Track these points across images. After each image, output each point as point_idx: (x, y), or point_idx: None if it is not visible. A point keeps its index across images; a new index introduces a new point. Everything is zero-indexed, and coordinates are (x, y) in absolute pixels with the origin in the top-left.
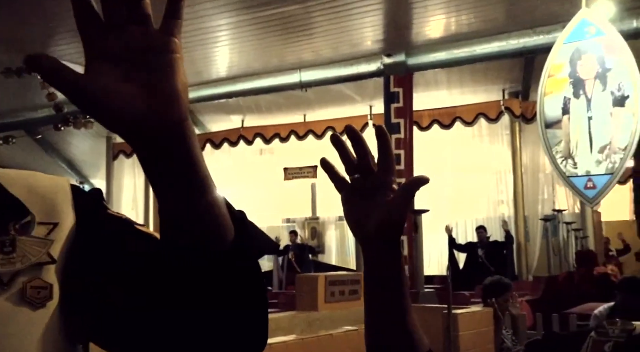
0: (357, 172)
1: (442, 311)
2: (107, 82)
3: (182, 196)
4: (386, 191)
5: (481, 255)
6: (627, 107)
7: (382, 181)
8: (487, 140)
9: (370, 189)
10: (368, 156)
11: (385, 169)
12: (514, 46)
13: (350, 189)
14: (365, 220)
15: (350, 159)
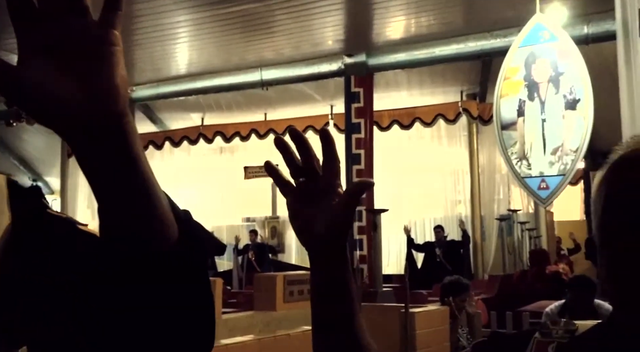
0: (302, 176)
1: (400, 310)
2: (41, 74)
3: (122, 195)
4: (332, 195)
5: (439, 254)
6: (578, 110)
7: (327, 185)
8: (445, 141)
9: (315, 192)
10: (313, 159)
11: (331, 172)
12: (472, 49)
13: (296, 193)
14: (311, 224)
15: (295, 163)
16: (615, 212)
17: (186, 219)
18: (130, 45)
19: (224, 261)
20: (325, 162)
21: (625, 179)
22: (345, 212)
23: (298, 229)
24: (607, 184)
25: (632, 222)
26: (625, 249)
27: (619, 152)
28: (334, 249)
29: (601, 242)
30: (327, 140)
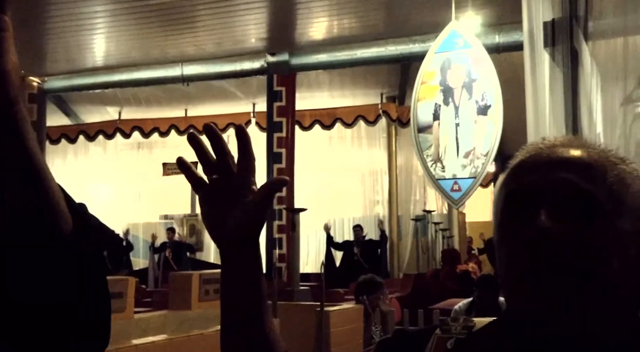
0: (216, 173)
1: (315, 308)
2: None
3: (13, 185)
4: (246, 192)
5: (357, 253)
6: (489, 115)
7: (241, 182)
8: (365, 142)
9: (229, 189)
10: (227, 156)
11: (245, 170)
12: (392, 52)
13: (209, 190)
14: (224, 221)
15: (209, 159)
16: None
17: (81, 212)
18: (42, 34)
19: (139, 259)
20: (239, 159)
21: (518, 179)
22: (258, 210)
23: (210, 226)
24: (505, 187)
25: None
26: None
27: (519, 157)
28: (245, 246)
29: (497, 242)
30: (242, 138)
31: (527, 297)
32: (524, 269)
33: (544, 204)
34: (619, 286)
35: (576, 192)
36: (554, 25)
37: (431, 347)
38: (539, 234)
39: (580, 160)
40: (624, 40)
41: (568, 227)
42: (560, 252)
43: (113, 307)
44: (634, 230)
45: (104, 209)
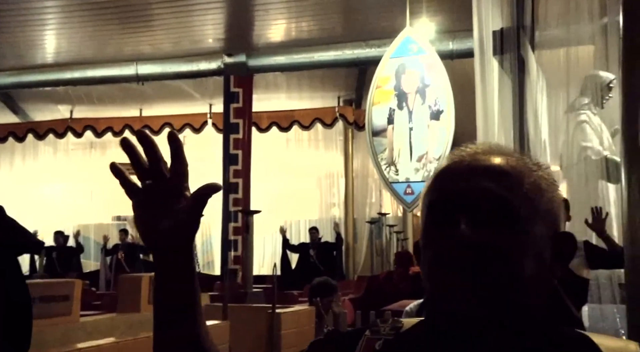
0: (149, 178)
1: (267, 310)
2: None
3: None
4: (179, 198)
5: (312, 255)
6: (441, 121)
7: (174, 187)
8: (322, 144)
9: (162, 195)
10: (160, 162)
11: (178, 175)
12: (349, 56)
13: (142, 195)
14: (156, 226)
15: (142, 164)
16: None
17: None
18: None
19: (90, 261)
20: (172, 165)
21: (441, 187)
22: (190, 216)
23: (142, 231)
24: (428, 194)
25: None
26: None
27: (443, 163)
28: (178, 251)
29: (422, 247)
30: (174, 143)
31: (447, 300)
32: (444, 274)
33: (463, 211)
34: (535, 287)
35: (494, 199)
36: (503, 34)
37: (360, 348)
38: (459, 240)
39: (498, 168)
40: (567, 50)
41: (486, 233)
42: (478, 258)
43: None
44: (548, 234)
45: (54, 210)
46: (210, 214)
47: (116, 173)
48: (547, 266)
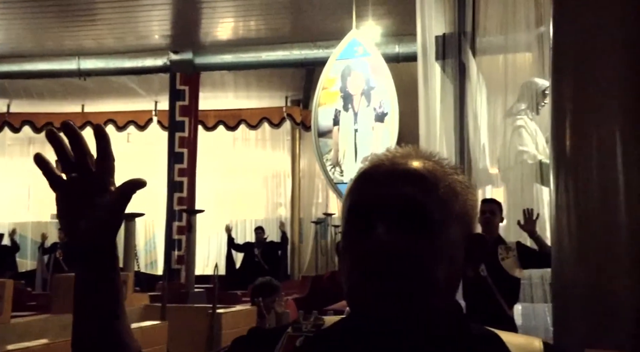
0: (74, 171)
1: (207, 310)
2: None
3: None
4: (103, 193)
5: (257, 254)
6: (386, 123)
7: (99, 182)
8: (269, 144)
9: (86, 189)
10: (86, 155)
11: (104, 170)
12: (297, 56)
13: (66, 188)
14: (78, 221)
15: (67, 157)
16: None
17: None
18: None
19: (27, 260)
20: (98, 159)
21: (360, 191)
22: (114, 211)
23: (65, 225)
24: (348, 198)
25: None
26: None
27: (363, 167)
28: (100, 247)
29: (342, 249)
30: (101, 137)
31: (365, 299)
32: (362, 277)
33: (381, 216)
34: (448, 288)
35: (410, 204)
36: (445, 39)
37: (282, 344)
38: (376, 245)
39: (415, 172)
40: (506, 57)
41: (402, 238)
42: (394, 261)
43: None
44: (461, 236)
45: None
46: (154, 212)
47: (40, 164)
48: (460, 267)
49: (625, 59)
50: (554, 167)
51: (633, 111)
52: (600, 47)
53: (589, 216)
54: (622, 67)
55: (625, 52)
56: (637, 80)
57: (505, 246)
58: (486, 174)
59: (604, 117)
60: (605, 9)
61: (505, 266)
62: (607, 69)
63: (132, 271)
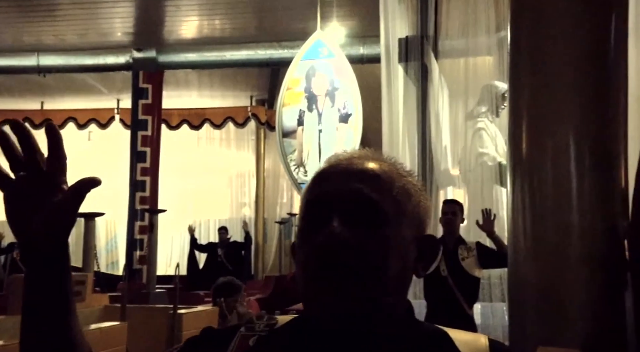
0: (24, 170)
1: (168, 311)
2: None
3: None
4: (54, 191)
5: (221, 255)
6: (349, 123)
7: (50, 181)
8: (234, 144)
9: (37, 188)
10: (36, 153)
11: (56, 168)
12: (262, 56)
13: (15, 188)
14: (29, 221)
15: (16, 155)
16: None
17: None
18: None
19: None
20: (49, 157)
21: (317, 188)
22: (65, 211)
23: (14, 224)
24: (305, 195)
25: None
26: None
27: (322, 166)
28: (51, 247)
29: (297, 245)
30: (52, 135)
31: (318, 295)
32: (316, 270)
33: (336, 212)
34: (399, 284)
35: (365, 201)
36: (407, 42)
37: (234, 344)
38: (330, 239)
39: (371, 172)
40: (467, 60)
41: (356, 233)
42: (348, 255)
43: None
44: (413, 235)
45: None
46: (116, 212)
47: None
48: (412, 266)
49: (580, 65)
50: (511, 168)
51: (586, 116)
52: (556, 52)
53: (543, 216)
54: (577, 73)
55: (580, 57)
56: (591, 86)
57: (465, 246)
58: (448, 175)
59: (558, 121)
60: (562, 15)
61: (466, 266)
62: (562, 74)
63: (91, 271)
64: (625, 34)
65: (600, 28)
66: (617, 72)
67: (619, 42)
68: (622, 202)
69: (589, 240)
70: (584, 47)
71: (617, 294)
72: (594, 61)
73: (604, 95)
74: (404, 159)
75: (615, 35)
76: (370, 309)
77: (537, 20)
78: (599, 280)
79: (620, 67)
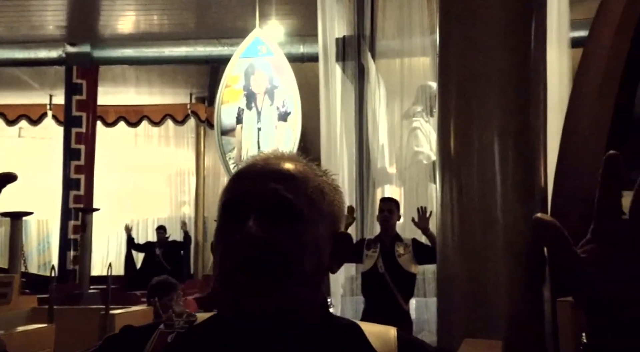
0: None
1: (100, 311)
2: None
3: None
4: None
5: (159, 254)
6: (289, 122)
7: None
8: (173, 141)
9: None
10: None
11: None
12: (201, 53)
13: None
14: None
15: None
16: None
17: None
18: None
19: None
20: None
21: (234, 188)
22: None
23: None
24: (223, 194)
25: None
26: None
27: (240, 166)
28: None
29: (215, 244)
30: None
31: (234, 292)
32: (232, 268)
33: (252, 211)
34: (314, 281)
35: (280, 200)
36: (345, 41)
37: (153, 341)
38: (246, 238)
39: (286, 172)
40: (402, 61)
41: (272, 231)
42: (263, 253)
43: None
44: (328, 233)
45: None
46: (49, 211)
47: None
48: (326, 263)
49: (503, 68)
50: (440, 167)
51: (509, 117)
52: (482, 56)
53: (470, 213)
54: (501, 76)
55: (503, 61)
56: (514, 88)
57: (402, 243)
58: (384, 173)
59: (484, 122)
60: (487, 21)
61: (402, 262)
62: (487, 76)
63: (18, 273)
64: (544, 41)
65: (522, 35)
66: (538, 75)
67: (539, 47)
68: (542, 201)
69: (511, 236)
70: (506, 52)
71: (537, 287)
72: (517, 64)
73: (526, 97)
74: (341, 158)
75: (535, 41)
76: (284, 305)
77: (464, 26)
78: (521, 274)
79: (540, 71)
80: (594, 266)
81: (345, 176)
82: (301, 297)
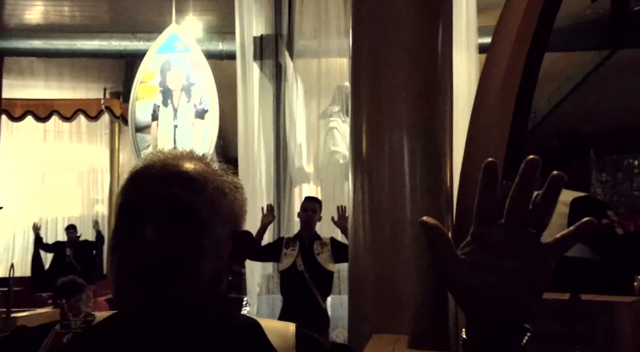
0: None
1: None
2: None
3: None
4: None
5: (69, 255)
6: (206, 119)
7: None
8: (85, 137)
9: None
10: None
11: None
12: (115, 47)
13: None
14: None
15: None
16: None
17: None
18: None
19: None
20: None
21: (131, 190)
22: None
23: None
24: (119, 197)
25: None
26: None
27: (136, 166)
28: None
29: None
30: None
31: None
32: (129, 276)
33: (149, 215)
34: (213, 282)
35: (178, 204)
36: (262, 40)
37: (48, 342)
38: (143, 243)
39: (185, 174)
40: (320, 61)
41: (169, 237)
42: (161, 259)
43: None
44: (229, 233)
45: None
46: None
47: None
48: (226, 263)
49: (412, 71)
50: (352, 166)
51: (417, 119)
52: (391, 60)
53: (380, 211)
54: (409, 79)
55: (411, 64)
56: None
57: (320, 242)
58: (302, 172)
59: (394, 123)
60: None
61: (320, 261)
62: (396, 78)
63: None
64: (450, 44)
65: (429, 37)
66: (444, 77)
67: (445, 50)
68: (447, 201)
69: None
70: (414, 54)
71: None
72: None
73: (432, 99)
74: (259, 156)
75: (442, 44)
76: (182, 306)
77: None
78: (430, 273)
79: (446, 73)
80: (467, 267)
81: (263, 174)
82: (200, 301)
